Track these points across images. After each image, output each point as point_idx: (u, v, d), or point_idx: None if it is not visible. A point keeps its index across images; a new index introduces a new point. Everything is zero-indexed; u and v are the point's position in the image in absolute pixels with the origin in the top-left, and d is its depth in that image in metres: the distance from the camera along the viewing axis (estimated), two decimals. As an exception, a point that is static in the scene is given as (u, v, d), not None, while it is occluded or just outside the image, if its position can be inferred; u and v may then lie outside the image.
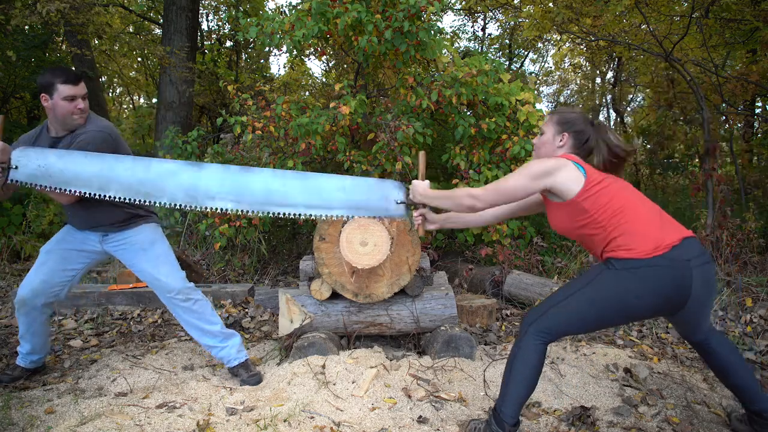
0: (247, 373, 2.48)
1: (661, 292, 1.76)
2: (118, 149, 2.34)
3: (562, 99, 14.28)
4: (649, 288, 1.75)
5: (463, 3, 9.46)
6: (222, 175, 2.32)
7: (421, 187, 2.18)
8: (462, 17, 11.56)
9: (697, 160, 8.11)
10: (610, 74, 12.39)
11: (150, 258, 2.44)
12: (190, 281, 2.52)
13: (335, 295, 2.74)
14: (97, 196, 2.23)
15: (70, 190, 2.23)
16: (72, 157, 2.24)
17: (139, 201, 2.25)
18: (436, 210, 2.27)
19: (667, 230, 1.80)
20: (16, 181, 2.22)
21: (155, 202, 2.27)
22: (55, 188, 2.23)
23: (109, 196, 2.24)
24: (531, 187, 1.87)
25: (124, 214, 2.43)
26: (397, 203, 2.35)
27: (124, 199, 2.24)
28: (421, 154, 2.29)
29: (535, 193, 1.93)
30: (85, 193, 2.22)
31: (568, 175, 1.84)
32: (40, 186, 2.24)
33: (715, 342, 1.97)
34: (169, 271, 2.44)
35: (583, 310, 1.83)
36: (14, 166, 2.21)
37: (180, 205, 2.32)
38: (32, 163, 2.22)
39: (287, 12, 4.76)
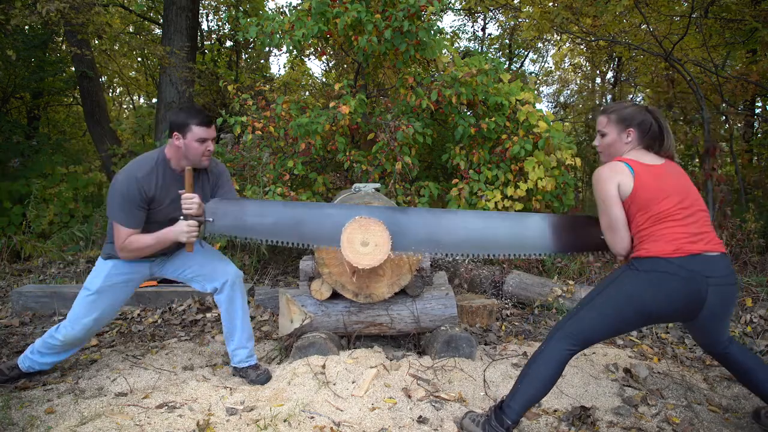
0: (255, 373, 2.49)
1: (673, 300, 1.79)
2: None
3: (562, 99, 14.26)
4: (663, 293, 1.79)
5: (463, 3, 9.45)
6: (422, 217, 2.31)
7: None
8: (462, 17, 11.55)
9: (697, 160, 8.10)
10: (610, 74, 12.37)
11: (201, 251, 2.48)
12: None
13: (335, 295, 2.74)
14: (297, 246, 2.25)
15: (270, 241, 2.23)
16: (271, 208, 2.23)
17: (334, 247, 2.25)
18: None
19: (694, 239, 1.81)
20: (215, 235, 2.22)
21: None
22: (252, 239, 2.24)
23: (305, 245, 2.25)
24: (614, 189, 1.87)
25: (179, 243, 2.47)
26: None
27: (320, 246, 2.27)
28: None
29: (618, 197, 1.90)
30: (284, 243, 2.23)
31: (625, 179, 1.87)
32: (235, 237, 2.25)
33: (735, 352, 1.98)
34: (221, 258, 2.50)
35: (606, 311, 1.86)
36: (210, 220, 2.21)
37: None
38: (228, 215, 2.21)
39: (287, 12, 4.76)
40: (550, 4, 6.53)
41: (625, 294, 1.83)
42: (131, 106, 13.06)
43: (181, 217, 2.23)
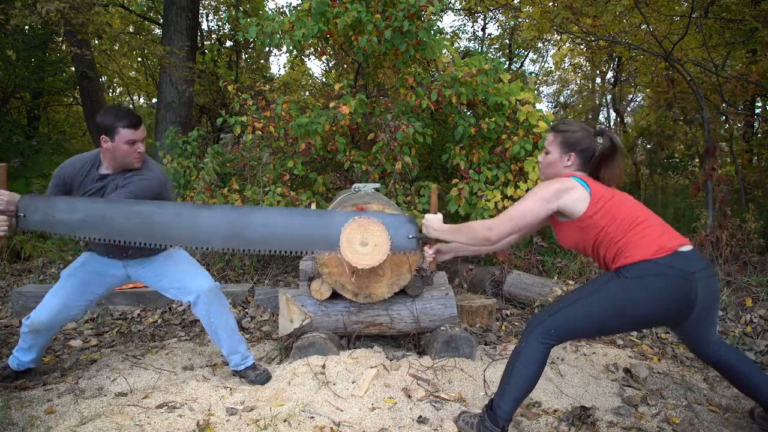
0: (254, 373, 2.49)
1: (667, 302, 1.79)
2: (162, 196, 2.37)
3: (562, 99, 14.27)
4: (655, 297, 1.78)
5: (463, 3, 9.45)
6: (226, 214, 2.30)
7: (435, 222, 2.15)
8: (462, 17, 11.55)
9: (697, 160, 8.11)
10: (610, 74, 12.37)
11: (176, 262, 2.47)
12: None
13: (335, 295, 2.74)
14: (103, 241, 2.22)
15: (77, 237, 2.23)
16: (78, 204, 2.22)
17: (145, 244, 2.23)
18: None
19: (667, 237, 1.84)
20: (25, 230, 2.24)
21: (162, 246, 2.26)
22: (63, 235, 2.24)
23: (115, 241, 2.22)
24: (543, 210, 1.88)
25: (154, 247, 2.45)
26: (409, 238, 2.33)
27: (128, 243, 2.23)
28: (433, 189, 2.28)
29: (546, 216, 1.93)
30: (92, 238, 2.22)
31: (576, 195, 1.86)
32: (48, 233, 2.24)
33: (726, 353, 1.98)
34: (197, 271, 2.48)
35: (590, 316, 1.85)
36: (22, 215, 2.20)
37: (186, 247, 2.32)
38: (39, 211, 2.21)
39: (287, 12, 4.76)
40: (550, 4, 6.53)
41: (612, 301, 1.82)
42: (131, 106, 13.06)
43: None
